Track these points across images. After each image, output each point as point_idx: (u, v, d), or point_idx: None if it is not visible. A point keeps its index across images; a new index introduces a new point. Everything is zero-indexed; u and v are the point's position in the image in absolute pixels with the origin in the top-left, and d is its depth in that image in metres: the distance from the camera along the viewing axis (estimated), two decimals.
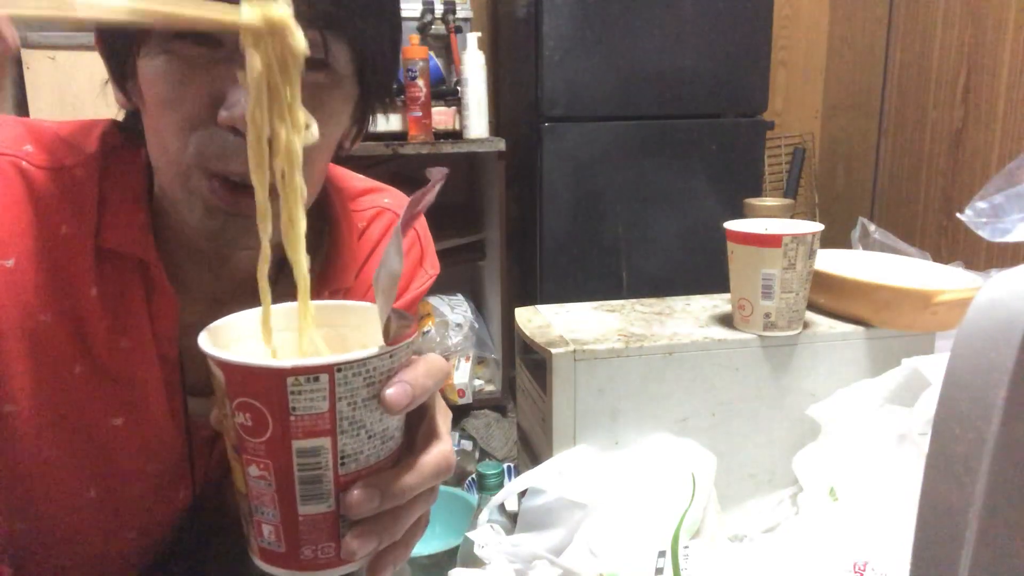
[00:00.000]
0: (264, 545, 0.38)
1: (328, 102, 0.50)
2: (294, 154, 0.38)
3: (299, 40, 0.37)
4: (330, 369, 0.35)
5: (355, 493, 0.37)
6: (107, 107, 0.58)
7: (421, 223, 0.71)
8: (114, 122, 0.58)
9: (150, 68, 0.48)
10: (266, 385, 0.35)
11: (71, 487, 0.55)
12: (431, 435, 0.42)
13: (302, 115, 0.38)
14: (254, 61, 0.36)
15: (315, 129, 0.39)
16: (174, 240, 0.56)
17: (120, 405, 0.54)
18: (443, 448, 0.42)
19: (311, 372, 0.34)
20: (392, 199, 0.71)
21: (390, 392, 0.37)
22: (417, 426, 0.43)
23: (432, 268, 0.73)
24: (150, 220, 0.55)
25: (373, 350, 0.36)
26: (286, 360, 0.35)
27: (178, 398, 0.56)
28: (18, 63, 1.49)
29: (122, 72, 0.51)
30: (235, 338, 0.42)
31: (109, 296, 0.53)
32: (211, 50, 0.46)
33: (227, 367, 0.36)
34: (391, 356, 0.37)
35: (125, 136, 0.56)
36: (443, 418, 0.44)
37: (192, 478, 0.59)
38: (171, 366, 0.56)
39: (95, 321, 0.52)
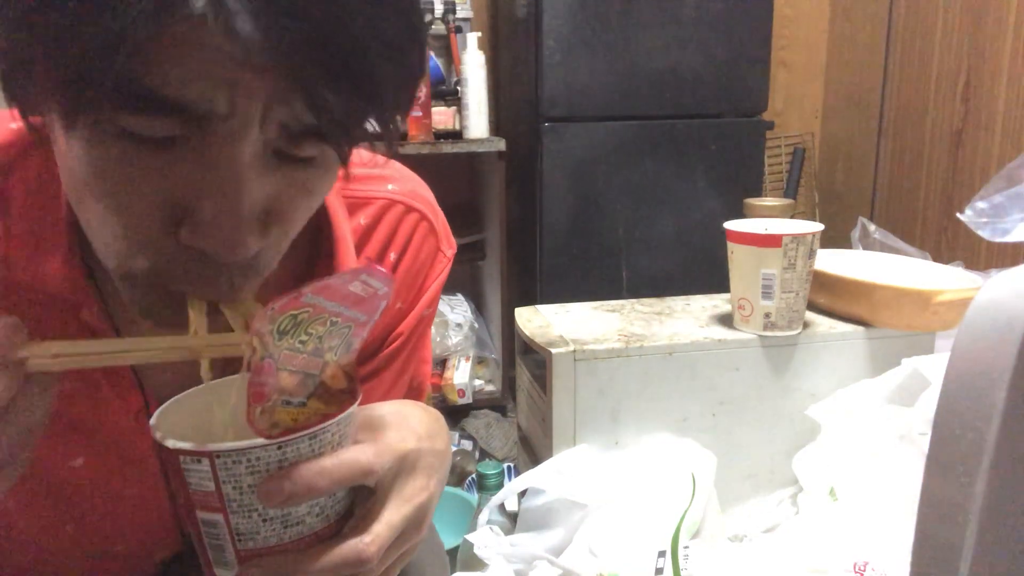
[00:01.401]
0: None
1: (314, 190, 0.41)
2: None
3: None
4: (210, 455, 0.36)
5: (247, 570, 0.38)
6: None
7: (427, 200, 0.61)
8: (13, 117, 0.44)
9: (83, 152, 0.35)
10: (169, 458, 0.37)
11: (46, 528, 0.53)
12: (358, 527, 0.41)
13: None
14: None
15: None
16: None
17: (77, 447, 0.51)
18: (357, 544, 0.39)
19: (194, 455, 0.36)
20: (398, 184, 0.59)
21: (263, 486, 0.37)
22: (359, 509, 0.42)
23: (450, 249, 0.63)
24: (75, 252, 0.44)
25: (256, 441, 0.37)
26: (175, 441, 0.37)
27: (144, 421, 0.50)
28: None
29: (25, 113, 0.37)
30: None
31: (40, 335, 0.44)
32: (170, 152, 0.35)
33: (152, 438, 0.38)
34: (279, 448, 0.37)
35: (31, 139, 0.44)
36: (397, 507, 0.42)
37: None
38: (130, 394, 0.50)
39: None
